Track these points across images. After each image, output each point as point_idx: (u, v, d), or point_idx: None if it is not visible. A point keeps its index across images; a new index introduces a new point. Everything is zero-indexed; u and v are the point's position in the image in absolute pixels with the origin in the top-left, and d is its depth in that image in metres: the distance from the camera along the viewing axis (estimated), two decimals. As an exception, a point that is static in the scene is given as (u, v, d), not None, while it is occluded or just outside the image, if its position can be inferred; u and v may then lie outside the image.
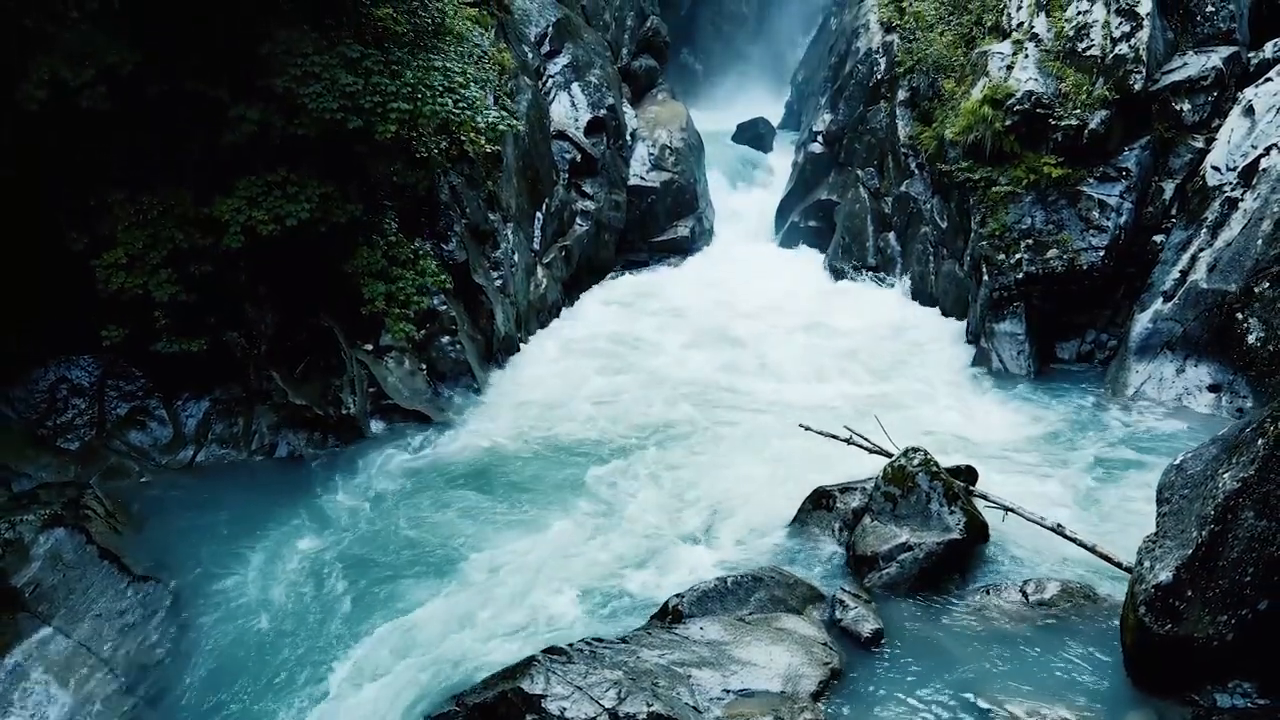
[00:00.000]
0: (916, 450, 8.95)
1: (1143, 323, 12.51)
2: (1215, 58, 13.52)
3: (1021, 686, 6.83)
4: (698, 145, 21.55)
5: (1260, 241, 11.71)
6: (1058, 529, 8.48)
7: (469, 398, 12.68)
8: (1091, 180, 13.50)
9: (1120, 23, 13.58)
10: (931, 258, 16.41)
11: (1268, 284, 11.49)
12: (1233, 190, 12.34)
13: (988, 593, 8.01)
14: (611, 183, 19.12)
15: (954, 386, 13.28)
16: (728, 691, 6.62)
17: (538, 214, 16.60)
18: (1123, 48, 13.44)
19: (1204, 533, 6.38)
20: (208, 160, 10.17)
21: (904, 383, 13.47)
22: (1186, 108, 13.43)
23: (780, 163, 23.29)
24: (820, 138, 20.55)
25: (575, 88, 18.86)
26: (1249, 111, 12.76)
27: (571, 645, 6.93)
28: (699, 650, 7.00)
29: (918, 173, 16.87)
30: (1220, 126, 13.14)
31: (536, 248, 16.44)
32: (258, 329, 11.00)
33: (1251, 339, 11.48)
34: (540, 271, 16.34)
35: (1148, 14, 13.47)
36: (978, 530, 8.58)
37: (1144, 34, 13.41)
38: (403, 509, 10.05)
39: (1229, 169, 12.56)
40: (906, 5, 18.30)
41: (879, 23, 19.40)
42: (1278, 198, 11.74)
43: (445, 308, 12.71)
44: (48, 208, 9.96)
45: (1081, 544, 8.35)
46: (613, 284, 18.52)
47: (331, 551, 9.22)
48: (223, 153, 10.11)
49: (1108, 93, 13.32)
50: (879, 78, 18.89)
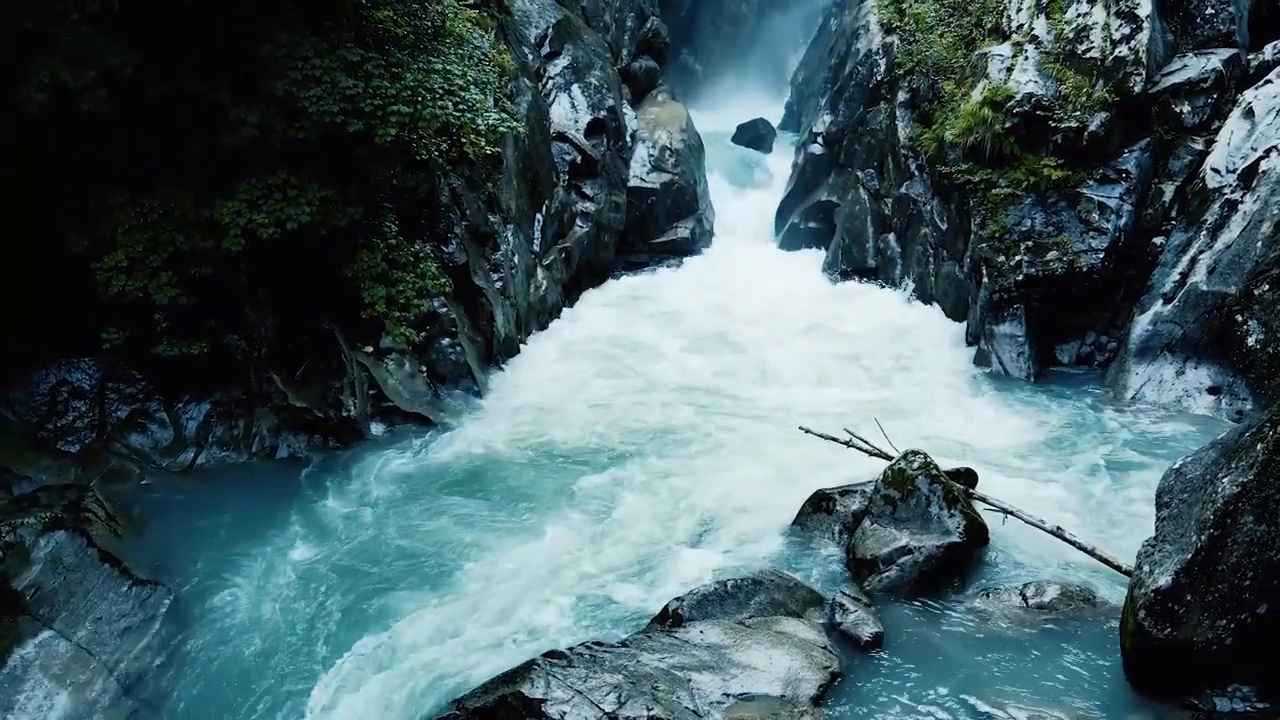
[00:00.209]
0: (916, 453, 8.95)
1: (1142, 325, 12.51)
2: (1215, 60, 13.51)
3: (1021, 690, 6.84)
4: (698, 146, 21.55)
5: (1260, 244, 11.71)
6: (1057, 532, 8.49)
7: (469, 400, 12.68)
8: (1091, 182, 13.50)
9: (1120, 25, 13.58)
10: (931, 259, 16.41)
11: (1267, 286, 11.50)
12: (1232, 192, 12.33)
13: (987, 596, 8.01)
14: (611, 184, 19.12)
15: (953, 388, 13.27)
16: (728, 695, 6.62)
17: (538, 216, 16.60)
18: (1122, 50, 13.44)
19: (1203, 537, 6.38)
20: (208, 161, 10.17)
21: (903, 385, 13.47)
22: (1186, 110, 13.43)
23: (780, 164, 23.23)
24: (820, 139, 20.52)
25: (575, 89, 18.86)
26: (1249, 114, 12.76)
27: (571, 649, 6.93)
28: (699, 654, 7.01)
29: (918, 174, 16.87)
30: (1220, 129, 13.13)
31: (536, 249, 16.44)
32: (258, 331, 11.00)
33: (1251, 341, 11.49)
34: (540, 273, 16.34)
35: (1147, 16, 13.47)
36: (977, 533, 8.58)
37: (1144, 36, 13.41)
38: (400, 515, 9.97)
39: (1229, 171, 12.57)
40: (906, 7, 18.28)
41: (879, 24, 19.37)
42: (1277, 200, 11.74)
43: (445, 310, 12.71)
44: (48, 210, 9.96)
45: (1081, 547, 8.35)
46: (613, 285, 18.51)
47: (328, 559, 9.18)
48: (223, 155, 10.11)
49: (1107, 95, 13.32)
50: (879, 79, 18.88)
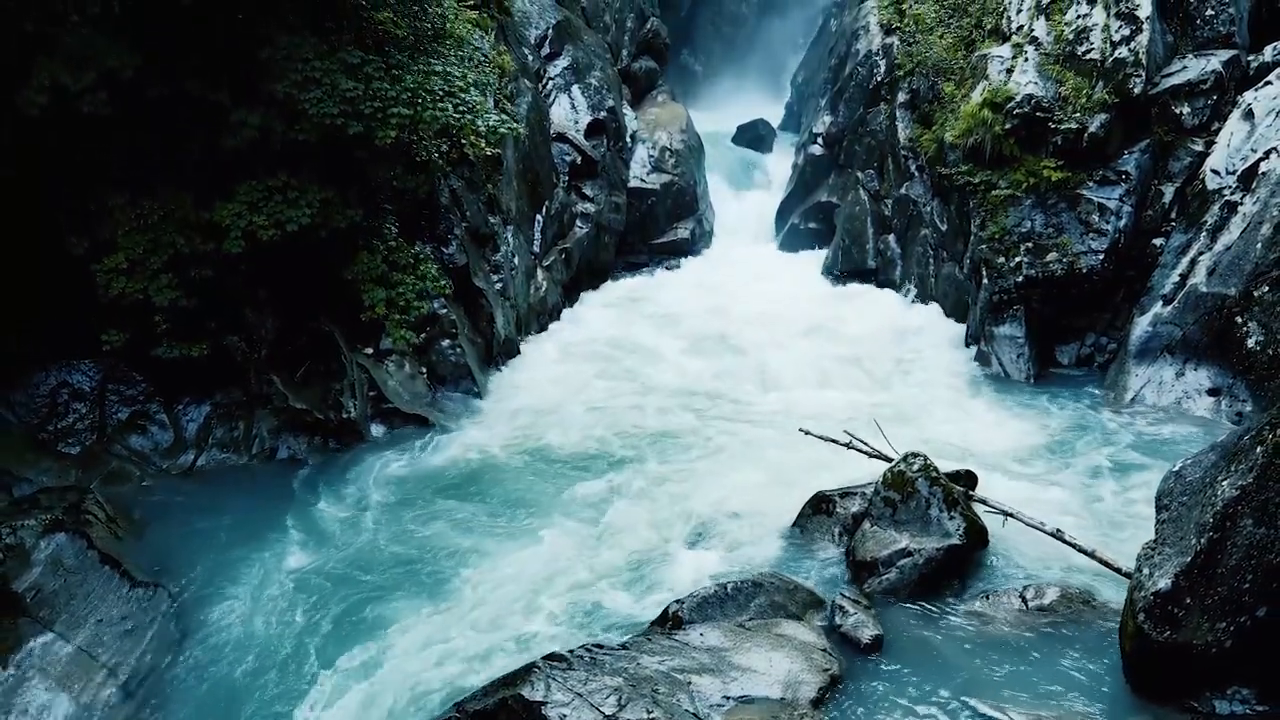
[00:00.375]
0: (916, 455, 8.94)
1: (1142, 326, 12.51)
2: (1215, 61, 13.51)
3: (1020, 693, 6.84)
4: (698, 147, 21.54)
5: (1260, 245, 11.71)
6: (1057, 534, 8.49)
7: (469, 401, 12.68)
8: (1091, 184, 13.50)
9: (1120, 26, 13.58)
10: (931, 260, 16.41)
11: (1267, 288, 11.50)
12: (1232, 194, 12.33)
13: (987, 598, 8.01)
14: (611, 185, 19.11)
15: (953, 390, 13.27)
16: (728, 698, 6.62)
17: (538, 217, 16.61)
18: (1122, 51, 13.45)
19: (1203, 540, 6.38)
20: (208, 163, 10.18)
21: (903, 387, 13.47)
22: (1186, 111, 13.43)
23: (780, 164, 23.20)
24: (820, 139, 20.50)
25: (575, 90, 18.85)
26: (1248, 115, 12.76)
27: (571, 652, 6.92)
28: (699, 656, 7.01)
29: (918, 175, 16.87)
30: (1220, 130, 13.12)
31: (536, 250, 16.44)
32: (258, 333, 11.01)
33: (1251, 343, 11.49)
34: (540, 274, 16.34)
35: (1147, 18, 13.47)
36: (977, 535, 8.58)
37: (1143, 38, 13.41)
38: (397, 520, 9.93)
39: (1228, 172, 12.57)
40: (906, 8, 18.28)
41: (879, 25, 19.35)
42: (1277, 201, 11.74)
43: (445, 311, 12.72)
44: (48, 211, 9.97)
45: (1081, 549, 8.36)
46: (613, 286, 18.50)
47: (326, 563, 9.16)
48: (223, 156, 10.12)
49: (1107, 96, 13.32)
50: (879, 80, 18.86)
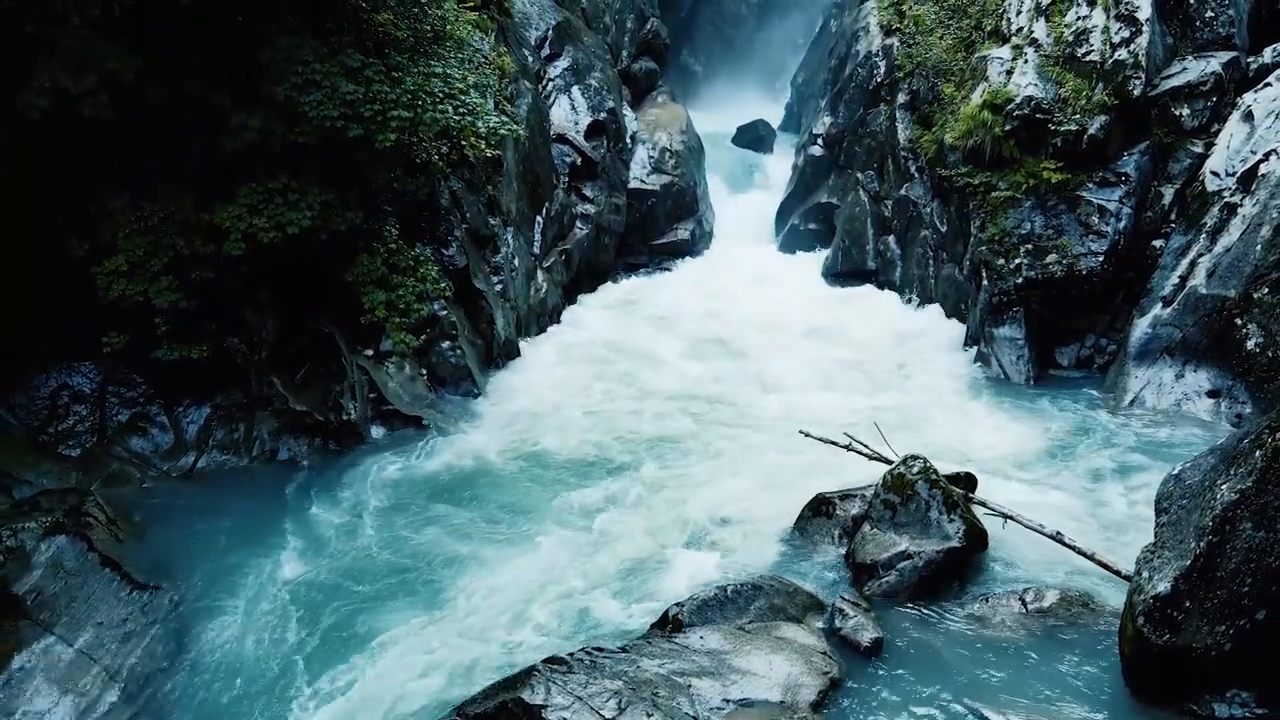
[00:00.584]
0: (916, 458, 8.94)
1: (1142, 328, 12.52)
2: (1214, 63, 13.50)
3: (1020, 696, 6.84)
4: (698, 148, 21.55)
5: (1259, 247, 11.72)
6: (1057, 537, 8.50)
7: (469, 403, 12.68)
8: (1091, 185, 13.51)
9: (1119, 28, 13.58)
10: (931, 261, 16.41)
11: (1267, 290, 11.51)
12: (1232, 195, 12.34)
13: (987, 601, 8.02)
14: (611, 186, 19.12)
15: (953, 392, 13.27)
16: (728, 701, 6.63)
17: (538, 218, 16.61)
18: (1122, 53, 13.45)
19: (1202, 544, 6.39)
20: (208, 165, 10.19)
21: (903, 388, 13.48)
22: (1186, 113, 13.43)
23: (780, 165, 23.20)
24: (820, 140, 20.51)
25: (575, 91, 18.87)
26: (1248, 117, 12.77)
27: (572, 655, 6.93)
28: (699, 659, 7.01)
29: (918, 176, 16.87)
30: (1219, 131, 13.12)
31: (536, 252, 16.45)
32: (258, 335, 11.02)
33: (1250, 345, 11.50)
34: (540, 275, 16.35)
35: (1147, 19, 13.47)
36: (977, 538, 8.58)
37: (1143, 39, 13.41)
38: (395, 526, 9.83)
39: (1228, 174, 12.57)
40: (906, 9, 18.29)
41: (879, 26, 19.35)
42: (1277, 203, 11.74)
43: (445, 313, 12.72)
44: (48, 214, 9.98)
45: (1080, 552, 8.37)
46: (613, 287, 18.51)
47: (322, 570, 9.08)
48: (223, 158, 10.13)
49: (1107, 98, 13.33)
50: (879, 81, 18.87)
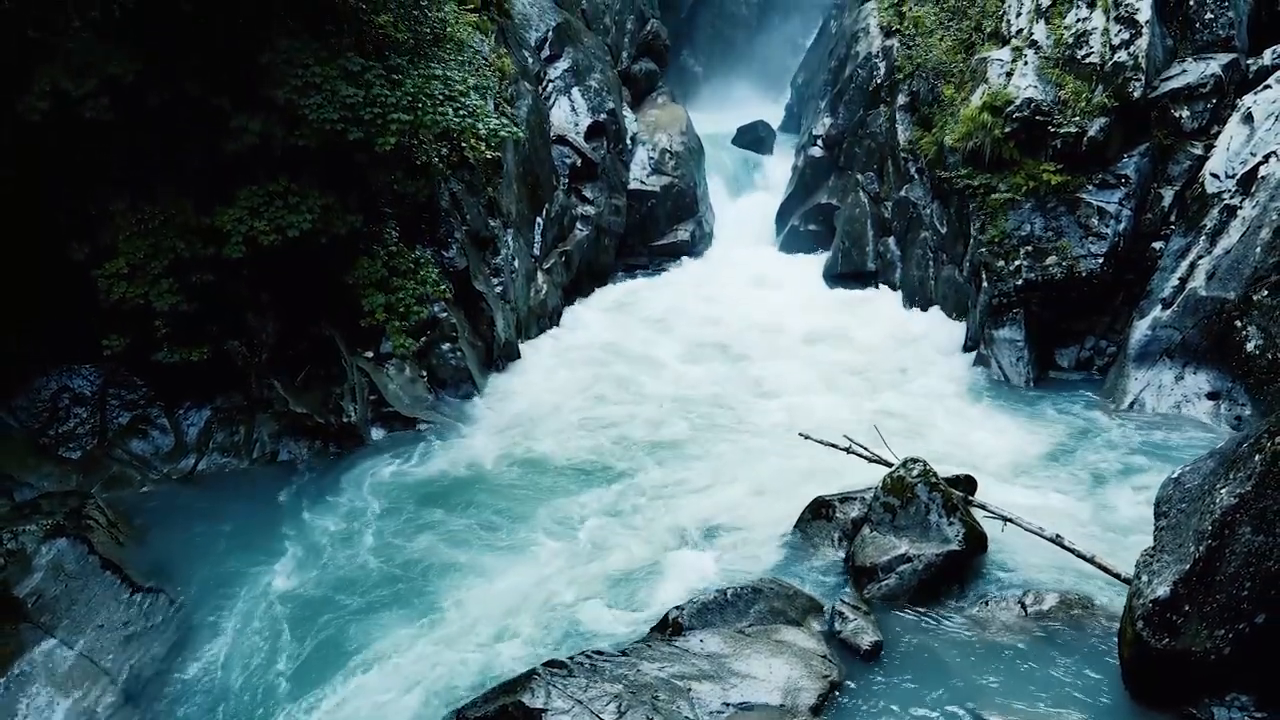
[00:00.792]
0: (915, 460, 8.95)
1: (1141, 330, 12.52)
2: (1214, 65, 13.50)
3: (1019, 699, 6.86)
4: (698, 149, 21.55)
5: (1259, 249, 11.73)
6: (1056, 539, 8.49)
7: (468, 405, 12.67)
8: (1091, 187, 13.52)
9: (1119, 30, 13.59)
10: (931, 263, 16.42)
11: (1266, 292, 11.51)
12: (1231, 198, 12.34)
13: (986, 604, 8.04)
14: (612, 187, 19.13)
15: (953, 394, 13.26)
16: (727, 705, 6.64)
17: (538, 219, 16.62)
18: (1122, 55, 13.46)
19: (1201, 548, 6.40)
20: (208, 166, 10.19)
21: (903, 390, 13.46)
22: (1185, 115, 13.44)
23: (780, 166, 23.18)
24: (820, 141, 20.51)
25: (575, 92, 18.87)
26: (1248, 119, 12.77)
27: (571, 658, 6.94)
28: (699, 663, 7.02)
29: (917, 178, 16.88)
30: (1219, 133, 13.13)
31: (537, 253, 16.45)
32: (259, 337, 11.02)
33: (1250, 347, 11.51)
34: (540, 277, 16.35)
35: (1147, 21, 13.47)
36: (976, 541, 8.59)
37: (1143, 41, 13.42)
38: (391, 534, 9.72)
39: (1228, 176, 12.57)
40: (906, 10, 18.29)
41: (879, 27, 19.36)
42: (1276, 205, 11.74)
43: (446, 315, 12.72)
44: (49, 217, 9.99)
45: (1080, 555, 8.36)
46: (612, 289, 18.51)
47: (318, 579, 9.01)
48: (224, 160, 10.13)
49: (1107, 100, 13.33)
50: (879, 82, 18.88)
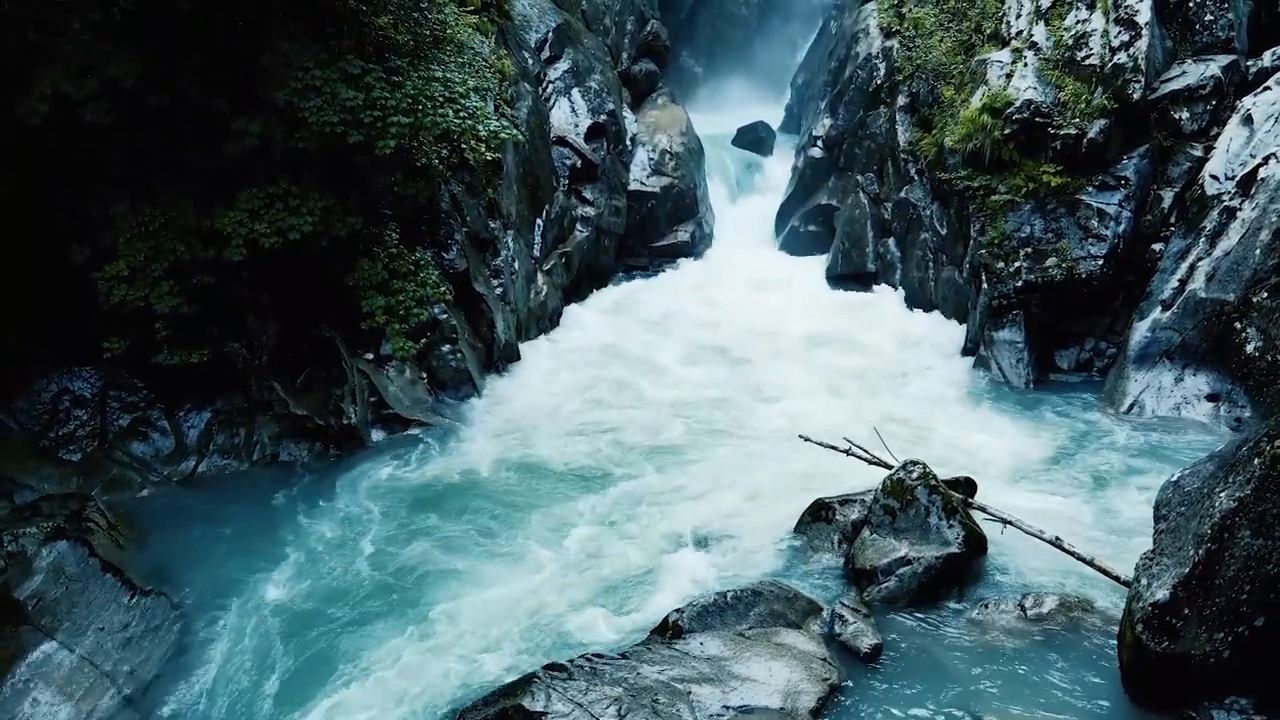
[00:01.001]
0: (915, 463, 8.96)
1: (1141, 331, 12.53)
2: (1214, 66, 13.52)
3: (1019, 702, 6.87)
4: (698, 149, 21.55)
5: (1258, 251, 11.74)
6: (1056, 542, 8.50)
7: (468, 407, 12.67)
8: (1090, 189, 13.53)
9: (1119, 32, 13.59)
10: (931, 264, 16.43)
11: (1266, 294, 11.53)
12: (1231, 199, 12.35)
13: (986, 607, 8.04)
14: (612, 188, 19.13)
15: (953, 395, 13.27)
16: (727, 708, 6.65)
17: (538, 221, 16.62)
18: (1121, 57, 13.46)
19: (1201, 551, 6.41)
20: (209, 168, 10.18)
21: (902, 392, 13.48)
22: (1185, 116, 13.45)
23: (780, 166, 23.18)
24: (820, 142, 20.51)
25: (575, 93, 18.87)
26: (1247, 120, 12.78)
27: (571, 661, 6.95)
28: (699, 666, 7.03)
29: (917, 179, 16.88)
30: (1219, 135, 13.15)
31: (537, 255, 16.46)
32: (259, 339, 11.02)
33: (1250, 349, 11.52)
34: (540, 278, 16.35)
35: (1146, 23, 13.48)
36: (976, 543, 8.60)
37: (1143, 43, 13.42)
38: (388, 540, 9.65)
39: (1227, 178, 12.58)
40: (906, 11, 18.30)
41: (879, 28, 19.36)
42: (1276, 207, 11.76)
43: (446, 316, 12.72)
44: (49, 219, 9.99)
45: (1079, 557, 8.37)
46: (612, 290, 18.49)
47: (315, 585, 8.96)
48: (224, 162, 10.13)
49: (1106, 102, 13.33)
50: (879, 83, 18.88)
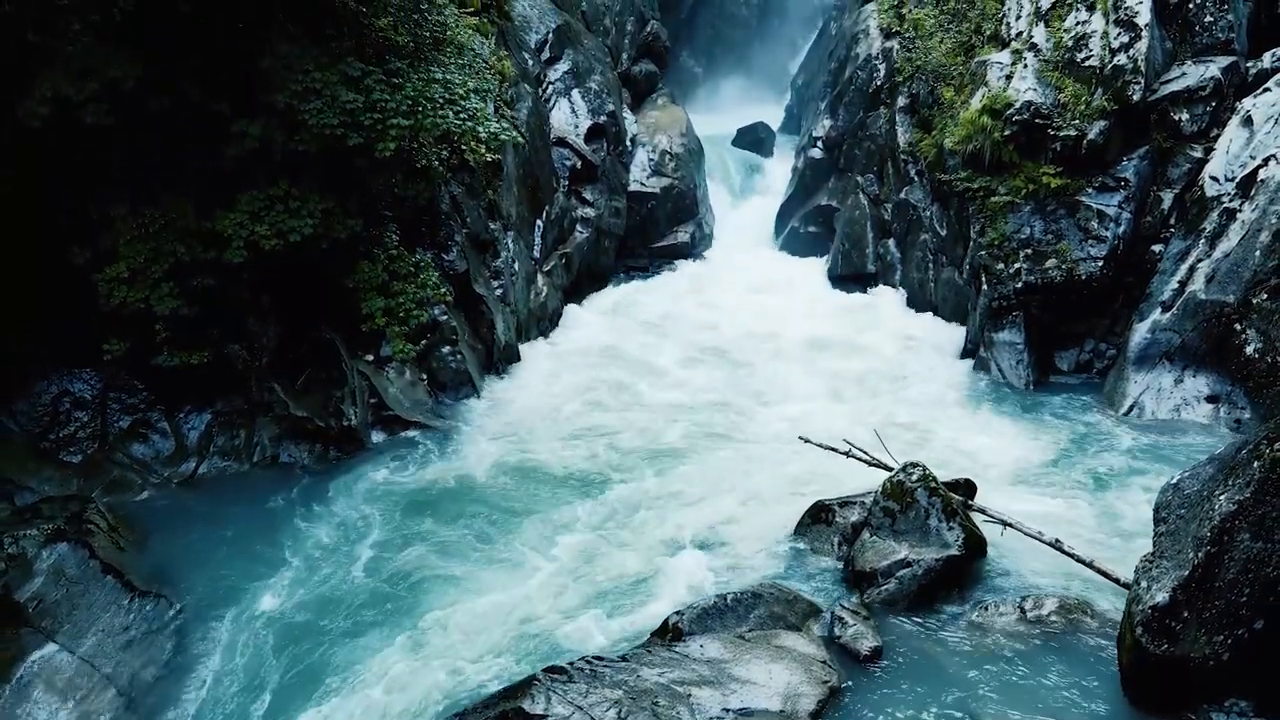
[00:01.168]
0: (915, 465, 8.96)
1: (1141, 333, 12.54)
2: (1214, 68, 13.54)
3: (1018, 705, 6.87)
4: (698, 150, 21.56)
5: (1258, 253, 11.75)
6: (1055, 544, 8.51)
7: (468, 409, 12.68)
8: (1090, 190, 13.54)
9: (1119, 33, 13.60)
10: (931, 265, 16.43)
11: (1265, 295, 11.54)
12: (1231, 201, 12.36)
13: (986, 609, 8.04)
14: (612, 189, 19.14)
15: (952, 397, 13.28)
16: (727, 710, 6.64)
17: (538, 222, 16.62)
18: (1121, 58, 13.47)
19: (1200, 554, 6.41)
20: (209, 169, 10.19)
21: (902, 393, 13.48)
22: (1185, 118, 13.46)
23: (780, 167, 23.21)
24: (820, 143, 20.52)
25: (575, 94, 18.88)
26: (1247, 122, 12.79)
27: (572, 664, 6.95)
28: (699, 668, 7.03)
29: (917, 180, 16.89)
30: (1219, 136, 13.16)
31: (537, 256, 16.46)
32: (259, 341, 11.03)
33: (1249, 350, 11.53)
34: (540, 280, 16.36)
35: (1146, 25, 13.49)
36: (976, 545, 8.60)
37: (1142, 44, 13.43)
38: (385, 546, 9.60)
39: (1227, 179, 12.59)
40: (906, 12, 18.31)
41: (879, 28, 19.37)
42: (1275, 209, 11.77)
43: (446, 318, 12.73)
44: (49, 219, 9.99)
45: (1079, 559, 8.38)
46: (613, 291, 18.50)
47: (311, 591, 8.93)
48: (225, 164, 10.13)
49: (1106, 103, 13.34)
50: (879, 84, 18.89)
